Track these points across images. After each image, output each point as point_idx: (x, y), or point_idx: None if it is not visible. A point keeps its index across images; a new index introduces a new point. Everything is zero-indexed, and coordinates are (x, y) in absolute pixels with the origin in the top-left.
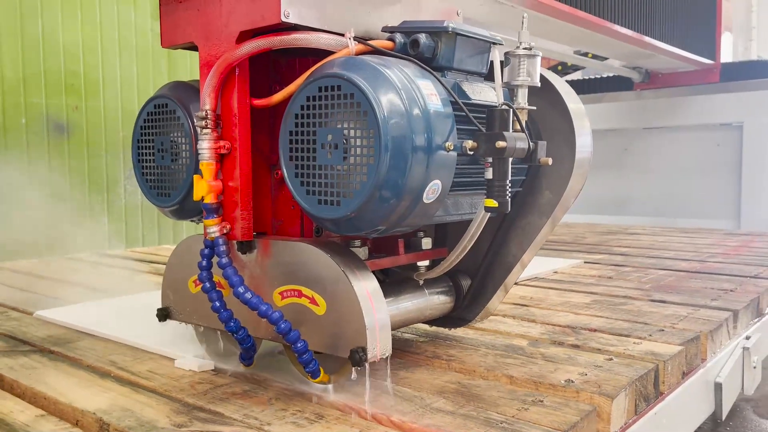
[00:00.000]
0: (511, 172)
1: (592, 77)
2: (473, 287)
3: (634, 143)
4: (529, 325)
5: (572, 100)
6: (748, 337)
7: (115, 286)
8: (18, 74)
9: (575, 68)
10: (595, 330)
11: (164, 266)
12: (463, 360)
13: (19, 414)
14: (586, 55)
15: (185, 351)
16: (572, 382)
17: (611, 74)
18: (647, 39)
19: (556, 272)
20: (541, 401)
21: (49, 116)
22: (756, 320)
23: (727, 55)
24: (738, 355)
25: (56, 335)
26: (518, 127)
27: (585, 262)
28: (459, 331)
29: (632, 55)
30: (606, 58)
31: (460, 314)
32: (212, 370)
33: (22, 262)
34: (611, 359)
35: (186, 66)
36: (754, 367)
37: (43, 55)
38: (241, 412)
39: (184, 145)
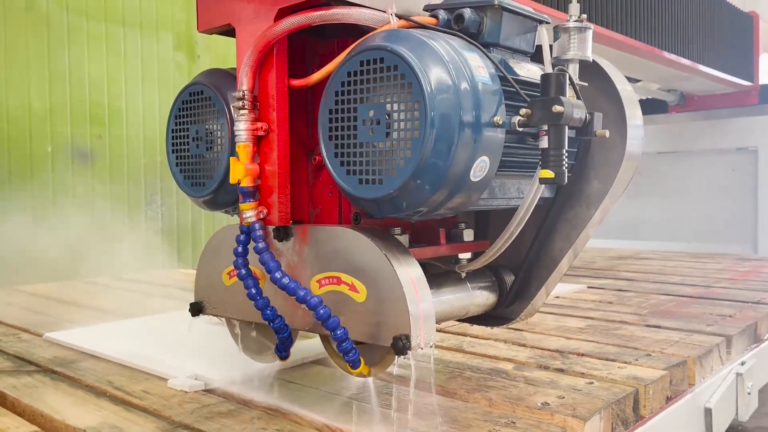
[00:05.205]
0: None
1: None
2: (516, 283)
3: (650, 167)
4: (518, 349)
5: (623, 86)
6: (743, 363)
7: (126, 309)
8: (45, 104)
9: None
10: (582, 354)
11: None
12: (447, 382)
13: (15, 430)
14: None
15: (181, 371)
16: (548, 404)
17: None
18: (685, 61)
19: (557, 297)
20: (514, 423)
21: (74, 144)
22: (754, 346)
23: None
24: (731, 381)
25: (61, 356)
26: (573, 95)
27: (588, 287)
28: (447, 355)
29: (670, 77)
30: (639, 81)
31: (502, 313)
32: (203, 390)
33: (39, 285)
34: (592, 383)
35: None
36: (749, 393)
37: (70, 87)
38: (223, 430)
39: (219, 132)
